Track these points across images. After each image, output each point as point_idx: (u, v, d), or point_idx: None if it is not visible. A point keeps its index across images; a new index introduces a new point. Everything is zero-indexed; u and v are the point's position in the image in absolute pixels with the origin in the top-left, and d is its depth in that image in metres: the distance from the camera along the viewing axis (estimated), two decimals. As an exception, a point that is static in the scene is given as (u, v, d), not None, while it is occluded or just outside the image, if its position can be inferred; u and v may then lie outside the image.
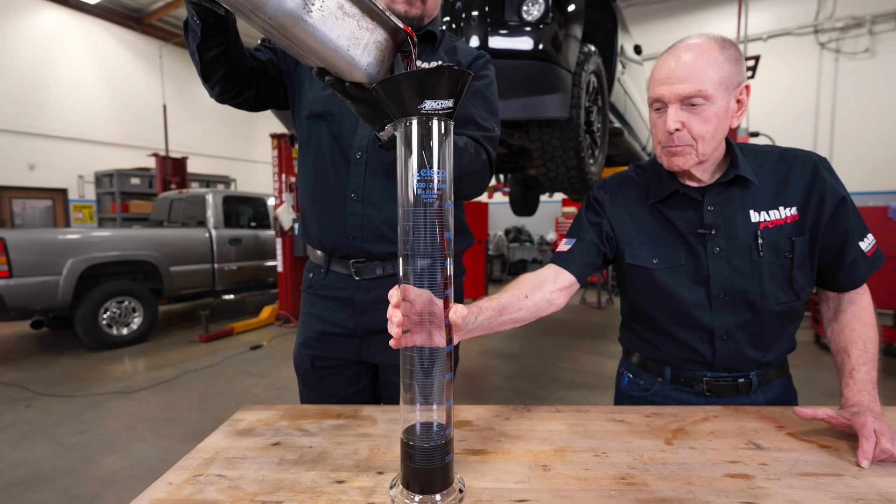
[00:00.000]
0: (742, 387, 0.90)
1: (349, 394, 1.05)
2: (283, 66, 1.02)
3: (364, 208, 0.95)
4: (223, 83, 0.90)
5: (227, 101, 0.96)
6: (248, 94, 0.96)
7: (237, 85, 0.93)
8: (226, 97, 0.94)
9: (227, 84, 0.91)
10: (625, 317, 1.03)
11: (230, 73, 0.89)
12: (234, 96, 0.95)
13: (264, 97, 1.01)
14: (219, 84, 0.90)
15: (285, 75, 1.02)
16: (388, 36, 0.63)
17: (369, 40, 0.61)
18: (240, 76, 0.92)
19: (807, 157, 0.85)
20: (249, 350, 4.37)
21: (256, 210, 6.09)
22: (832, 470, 0.67)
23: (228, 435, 0.80)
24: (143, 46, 9.44)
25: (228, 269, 5.45)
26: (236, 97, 0.95)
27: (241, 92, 0.95)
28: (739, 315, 0.86)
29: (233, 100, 0.96)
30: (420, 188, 0.55)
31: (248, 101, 0.98)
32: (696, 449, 0.73)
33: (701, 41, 0.79)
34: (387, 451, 0.73)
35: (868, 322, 0.84)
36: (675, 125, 0.79)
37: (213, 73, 0.87)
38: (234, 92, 0.93)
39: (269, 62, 1.00)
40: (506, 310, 0.77)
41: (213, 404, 3.10)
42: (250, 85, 0.96)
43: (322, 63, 0.62)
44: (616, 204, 0.95)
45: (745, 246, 0.85)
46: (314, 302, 1.04)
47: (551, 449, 0.74)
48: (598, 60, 2.35)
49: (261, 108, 1.03)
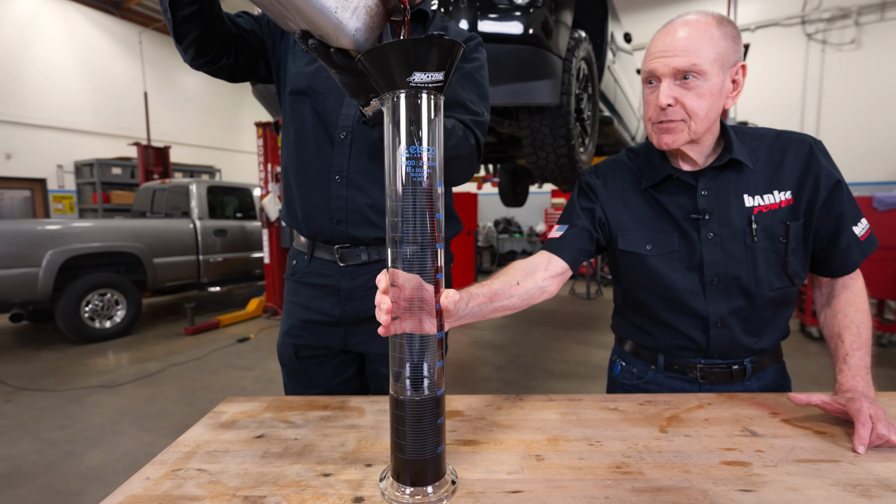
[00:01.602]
0: (736, 374, 0.89)
1: (335, 384, 1.02)
2: (267, 40, 0.97)
3: (349, 191, 0.91)
4: (198, 46, 0.84)
5: (202, 68, 0.90)
6: (224, 62, 0.91)
7: (213, 49, 0.87)
8: (200, 62, 0.88)
9: (202, 47, 0.85)
10: (617, 304, 1.02)
11: (206, 35, 0.83)
12: (209, 62, 0.89)
13: (243, 68, 0.96)
14: (193, 47, 0.84)
15: (269, 50, 0.97)
16: (378, 1, 0.59)
17: (359, 3, 0.58)
18: (216, 40, 0.86)
19: (802, 140, 0.83)
20: (236, 343, 4.31)
21: (242, 200, 5.99)
22: (828, 456, 0.66)
23: (210, 428, 0.77)
24: (123, 32, 9.16)
25: (214, 260, 5.35)
26: (212, 63, 0.90)
27: (218, 58, 0.89)
28: (733, 301, 0.85)
29: (208, 66, 0.90)
30: (409, 166, 0.52)
31: (225, 69, 0.93)
32: (691, 437, 0.72)
33: (698, 17, 0.76)
34: (375, 442, 0.71)
35: (861, 307, 0.83)
36: (667, 100, 0.76)
37: (186, 34, 0.82)
38: (209, 57, 0.88)
39: (251, 32, 0.95)
40: (497, 296, 0.74)
41: (199, 397, 3.05)
42: (228, 52, 0.90)
43: (306, 24, 0.58)
44: (608, 189, 0.93)
45: (739, 231, 0.83)
46: (298, 290, 1.01)
47: (544, 438, 0.72)
48: (589, 47, 2.32)
49: (238, 78, 0.98)
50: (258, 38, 0.96)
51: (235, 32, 0.91)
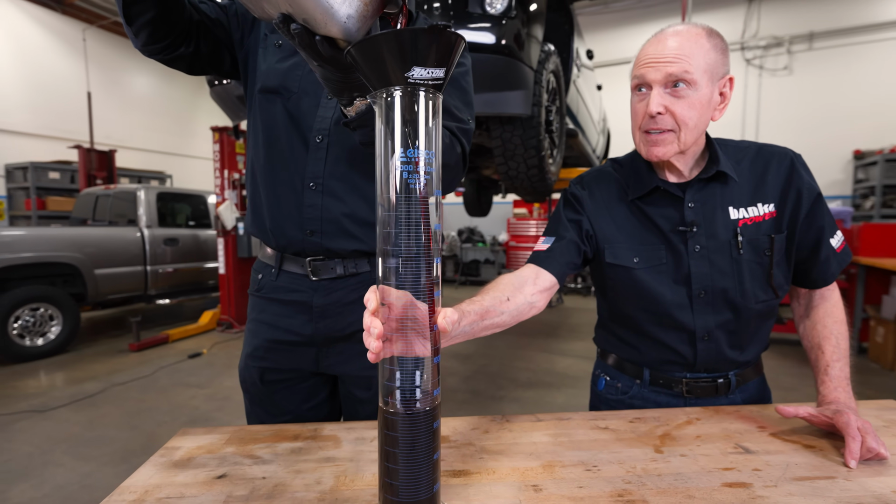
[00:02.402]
0: (721, 387, 0.88)
1: (304, 410, 0.93)
2: (235, 32, 0.88)
3: (324, 199, 0.84)
4: (151, 30, 0.74)
5: (155, 55, 0.80)
6: (183, 51, 0.81)
7: (169, 36, 0.77)
8: (153, 48, 0.78)
9: (155, 31, 0.75)
10: (602, 317, 0.99)
11: (161, 18, 0.73)
12: (164, 49, 0.79)
13: (204, 59, 0.86)
14: (145, 30, 0.74)
15: (236, 44, 0.89)
16: None
17: None
18: (174, 26, 0.77)
19: (783, 154, 0.84)
20: (187, 359, 4.04)
21: (195, 208, 5.68)
22: (823, 472, 0.65)
23: (161, 468, 0.67)
24: (65, 28, 8.57)
25: (163, 271, 5.03)
26: (167, 51, 0.80)
27: (175, 46, 0.80)
28: (720, 315, 0.84)
29: (162, 54, 0.80)
30: (405, 172, 0.47)
31: (184, 59, 0.83)
32: (687, 456, 0.70)
33: (688, 28, 0.76)
34: (355, 478, 0.64)
35: (839, 318, 0.85)
36: (657, 108, 0.75)
37: (138, 15, 0.71)
38: (165, 44, 0.78)
39: (216, 21, 0.86)
40: (488, 314, 0.70)
41: (145, 420, 2.82)
42: (187, 40, 0.81)
43: (290, 7, 0.52)
44: (595, 200, 0.91)
45: (726, 244, 0.83)
46: (264, 306, 0.92)
47: (539, 465, 0.67)
48: (557, 61, 2.35)
49: (198, 71, 0.89)
50: (224, 29, 0.87)
51: (198, 19, 0.82)
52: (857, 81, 7.19)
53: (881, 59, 7.04)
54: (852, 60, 7.24)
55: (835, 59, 7.36)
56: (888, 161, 6.07)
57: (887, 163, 6.07)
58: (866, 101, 7.11)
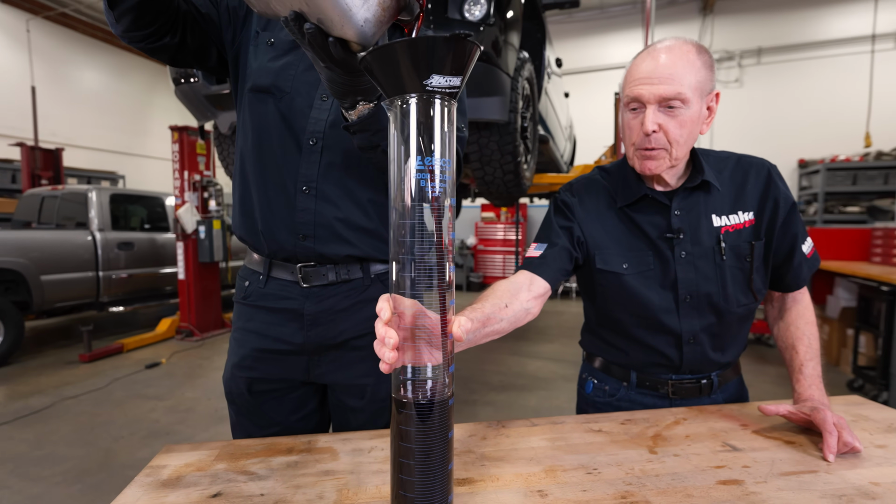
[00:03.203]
0: (704, 388, 0.92)
1: (293, 421, 0.90)
2: (226, 29, 0.85)
3: (318, 204, 0.82)
4: (135, 16, 0.70)
5: (137, 42, 0.76)
6: (168, 41, 0.77)
7: (154, 23, 0.73)
8: (135, 35, 0.74)
9: (139, 18, 0.71)
10: (590, 322, 1.02)
11: (147, 4, 0.70)
12: (147, 38, 0.75)
13: (189, 52, 0.82)
14: (128, 16, 0.70)
15: (226, 41, 0.85)
16: None
17: None
18: (160, 14, 0.73)
19: (761, 164, 0.89)
20: (145, 369, 3.84)
21: (151, 210, 5.42)
22: (805, 467, 0.68)
23: (149, 488, 0.63)
24: (6, 19, 7.99)
25: (117, 277, 4.77)
26: (151, 40, 0.76)
27: (159, 35, 0.76)
28: (704, 318, 0.87)
29: (145, 42, 0.76)
30: (421, 180, 0.46)
31: (167, 49, 0.79)
32: (680, 456, 0.72)
33: (680, 45, 0.79)
34: (358, 491, 0.62)
35: (810, 320, 0.90)
36: (653, 126, 0.77)
37: None
38: (148, 31, 0.74)
39: (206, 16, 0.82)
40: (489, 321, 0.70)
41: (101, 435, 2.65)
42: (173, 30, 0.77)
43: (307, 5, 0.50)
44: (585, 208, 0.93)
45: (709, 250, 0.86)
46: (251, 314, 0.88)
47: (541, 470, 0.68)
48: (531, 68, 2.39)
49: (182, 63, 0.85)
50: (214, 24, 0.84)
51: (186, 9, 0.78)
52: (801, 95, 7.71)
53: (823, 74, 7.57)
54: (797, 75, 7.76)
55: (781, 73, 7.86)
56: (829, 170, 6.52)
57: (828, 171, 6.52)
58: (809, 113, 7.63)
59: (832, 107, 7.45)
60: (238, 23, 0.85)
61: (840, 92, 7.42)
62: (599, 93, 8.06)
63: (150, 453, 2.44)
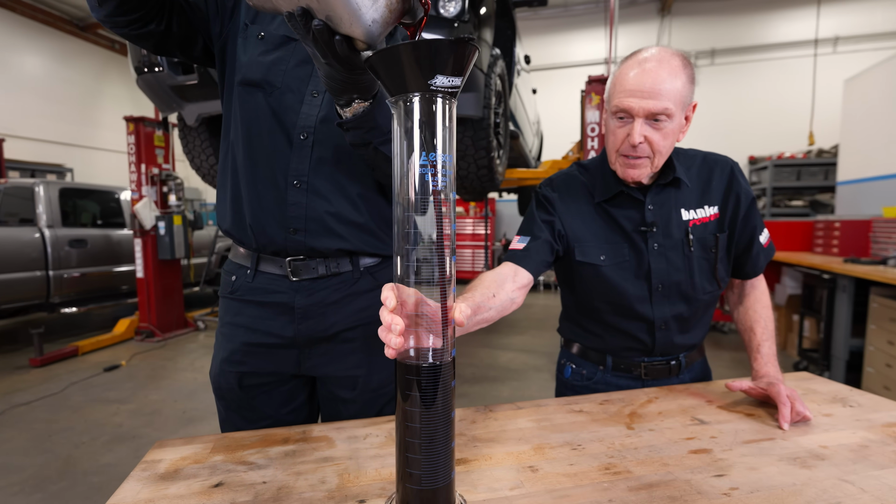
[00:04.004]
0: (673, 368, 0.99)
1: (284, 414, 0.91)
2: (214, 21, 0.84)
3: (308, 198, 0.82)
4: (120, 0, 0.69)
5: (119, 28, 0.74)
6: (153, 28, 0.76)
7: (140, 9, 0.72)
8: (119, 21, 0.72)
9: (125, 3, 0.70)
10: (569, 311, 1.07)
11: None
12: (132, 24, 0.73)
13: (174, 41, 0.81)
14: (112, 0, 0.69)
15: (214, 33, 0.84)
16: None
17: None
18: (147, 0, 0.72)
19: (725, 162, 0.96)
20: (103, 372, 3.67)
21: (105, 206, 5.16)
22: (764, 435, 0.76)
23: (148, 482, 0.63)
24: (-69, -5, 7.37)
25: (69, 276, 4.52)
26: (135, 27, 0.74)
27: (144, 22, 0.74)
28: (675, 305, 0.94)
29: (129, 28, 0.74)
30: (428, 174, 0.49)
31: (152, 37, 0.77)
32: (654, 430, 0.78)
33: (669, 57, 0.82)
34: (359, 474, 0.65)
35: (766, 304, 0.98)
36: (640, 138, 0.82)
37: None
38: (134, 17, 0.72)
39: (194, 6, 0.81)
40: (479, 309, 0.73)
41: (59, 442, 2.53)
42: (159, 17, 0.76)
43: (318, 2, 0.51)
44: (565, 202, 0.97)
45: (679, 242, 0.93)
46: (240, 309, 0.88)
47: (530, 448, 0.72)
48: (503, 64, 2.44)
49: (165, 51, 0.83)
50: (202, 15, 0.82)
51: None
52: (751, 95, 8.14)
53: (770, 76, 8.02)
54: (747, 76, 8.18)
55: (733, 74, 8.27)
56: (776, 166, 6.93)
57: (776, 168, 6.93)
58: (759, 112, 8.07)
59: (779, 106, 7.92)
60: (226, 14, 0.84)
61: (786, 93, 7.89)
62: (564, 89, 8.24)
63: (115, 458, 2.36)
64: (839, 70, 6.91)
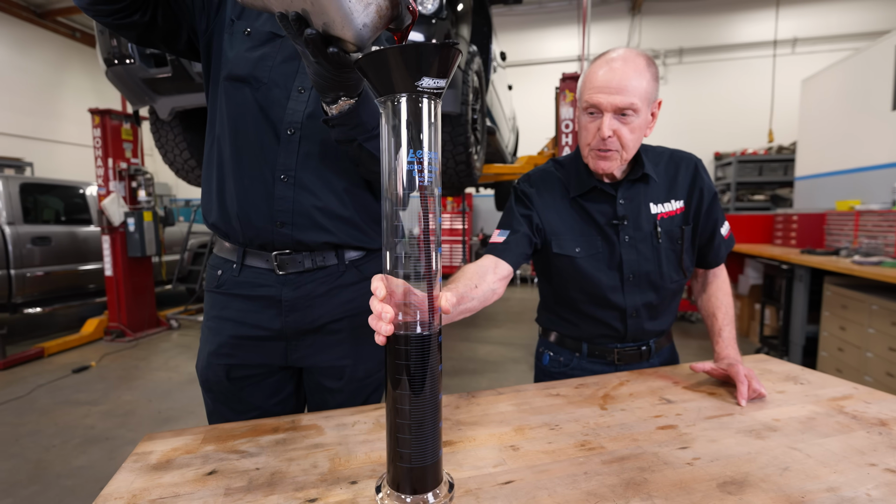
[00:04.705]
0: (644, 353, 1.05)
1: (271, 405, 0.93)
2: (199, 17, 0.84)
3: (296, 192, 0.84)
4: None
5: (103, 18, 0.73)
6: (137, 19, 0.76)
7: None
8: (102, 10, 0.72)
9: None
10: (546, 301, 1.12)
11: None
12: (115, 13, 0.73)
13: (159, 34, 0.81)
14: None
15: (199, 29, 0.84)
16: (389, 4, 0.57)
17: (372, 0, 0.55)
18: None
19: (689, 158, 1.03)
20: (72, 373, 3.56)
21: (69, 201, 4.98)
22: (724, 411, 0.82)
23: (141, 472, 0.65)
24: None
25: (32, 275, 4.35)
26: (120, 16, 0.74)
27: (129, 12, 0.74)
28: (645, 294, 1.00)
29: (111, 17, 0.74)
30: (415, 170, 0.52)
31: (135, 28, 0.77)
32: (626, 410, 0.84)
33: (633, 56, 0.88)
34: (349, 458, 0.68)
35: (727, 292, 1.06)
36: (609, 132, 0.88)
37: None
38: (118, 6, 0.72)
39: (181, 1, 0.81)
40: (462, 299, 0.77)
41: (28, 446, 2.46)
42: (144, 8, 0.76)
43: (312, 4, 0.53)
44: (542, 197, 1.02)
45: (648, 234, 0.99)
46: (226, 303, 0.89)
47: (511, 429, 0.77)
48: (480, 61, 2.47)
49: (147, 43, 0.83)
50: (187, 9, 0.83)
51: None
52: (716, 93, 8.42)
53: (734, 75, 8.31)
54: (712, 75, 8.45)
55: (700, 72, 8.53)
56: (740, 162, 7.22)
57: (740, 163, 7.22)
58: (723, 110, 8.35)
59: (742, 104, 8.22)
60: (212, 9, 0.84)
61: (748, 91, 8.19)
62: (540, 85, 8.33)
63: (88, 461, 2.31)
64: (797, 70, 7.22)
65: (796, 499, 0.56)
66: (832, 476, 0.61)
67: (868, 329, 2.64)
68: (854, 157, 4.12)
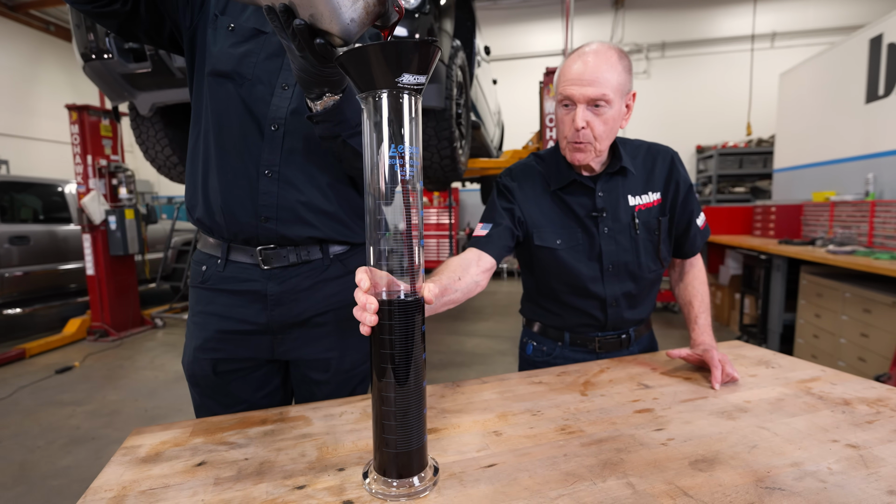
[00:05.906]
0: (624, 342, 1.08)
1: (258, 398, 0.94)
2: (184, 15, 0.83)
3: (280, 187, 0.85)
4: None
5: (83, 6, 0.73)
6: (118, 8, 0.75)
7: None
8: None
9: None
10: (529, 292, 1.14)
11: None
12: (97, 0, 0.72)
13: (141, 25, 0.80)
14: None
15: (183, 27, 0.84)
16: (377, 1, 0.58)
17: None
18: None
19: (666, 151, 1.06)
20: (55, 374, 3.51)
21: (47, 200, 4.87)
22: (699, 395, 0.86)
23: (130, 465, 0.65)
24: None
25: (10, 275, 4.26)
26: (100, 3, 0.73)
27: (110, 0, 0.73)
28: (624, 284, 1.03)
29: (92, 5, 0.73)
30: (397, 165, 0.53)
31: (116, 17, 0.77)
32: (605, 396, 0.87)
33: (605, 49, 0.90)
34: (337, 447, 0.69)
35: (703, 280, 1.09)
36: (582, 123, 0.90)
37: None
38: None
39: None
40: (446, 291, 0.79)
41: (12, 448, 2.43)
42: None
43: None
44: (523, 191, 1.04)
45: (627, 226, 1.01)
46: (212, 298, 0.90)
47: (494, 416, 0.79)
48: (463, 56, 2.48)
49: (128, 34, 0.82)
50: (171, 3, 0.82)
51: None
52: (698, 87, 8.53)
53: (716, 69, 8.42)
54: (694, 68, 8.56)
55: (681, 66, 8.63)
56: (721, 155, 7.34)
57: (721, 156, 7.34)
58: (704, 103, 8.47)
59: (722, 98, 8.35)
60: (196, 5, 0.84)
61: (729, 85, 8.32)
62: (524, 79, 8.35)
63: (74, 461, 2.29)
64: (776, 64, 7.35)
65: (762, 474, 0.59)
66: (797, 452, 0.64)
67: (842, 316, 2.73)
68: (830, 149, 4.23)
